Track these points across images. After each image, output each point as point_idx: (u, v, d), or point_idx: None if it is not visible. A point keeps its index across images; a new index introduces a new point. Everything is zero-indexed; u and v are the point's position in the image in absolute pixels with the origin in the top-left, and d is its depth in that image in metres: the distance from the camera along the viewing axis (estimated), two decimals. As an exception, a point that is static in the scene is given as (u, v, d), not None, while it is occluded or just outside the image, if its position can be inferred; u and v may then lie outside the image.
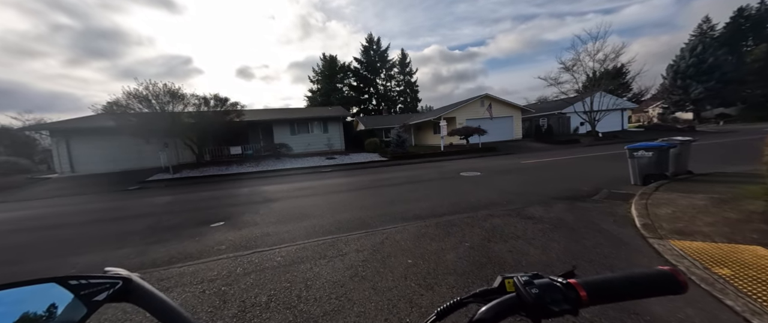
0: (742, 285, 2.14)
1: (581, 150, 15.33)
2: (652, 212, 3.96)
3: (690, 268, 2.45)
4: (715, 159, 8.83)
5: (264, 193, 8.19)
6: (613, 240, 3.27)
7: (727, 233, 3.06)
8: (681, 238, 3.07)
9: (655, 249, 2.93)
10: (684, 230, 3.26)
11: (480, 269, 2.78)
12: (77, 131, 16.68)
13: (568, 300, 0.43)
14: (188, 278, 3.01)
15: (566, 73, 23.49)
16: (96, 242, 4.54)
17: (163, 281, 2.97)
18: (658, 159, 5.87)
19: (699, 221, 3.50)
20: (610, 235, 3.43)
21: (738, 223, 3.31)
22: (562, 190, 6.02)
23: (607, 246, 3.13)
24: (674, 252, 2.76)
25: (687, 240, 3.00)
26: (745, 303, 1.93)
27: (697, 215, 3.71)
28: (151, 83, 14.73)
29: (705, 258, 2.60)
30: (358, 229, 4.26)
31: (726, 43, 35.00)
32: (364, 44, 42.51)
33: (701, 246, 2.85)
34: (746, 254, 2.60)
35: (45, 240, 4.81)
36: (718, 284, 2.18)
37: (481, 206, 5.11)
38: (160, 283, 2.93)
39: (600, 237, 3.37)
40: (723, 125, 28.53)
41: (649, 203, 4.33)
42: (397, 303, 2.29)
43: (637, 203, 4.37)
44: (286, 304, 2.39)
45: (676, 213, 3.84)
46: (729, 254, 2.63)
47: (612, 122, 25.84)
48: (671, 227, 3.38)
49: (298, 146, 20.55)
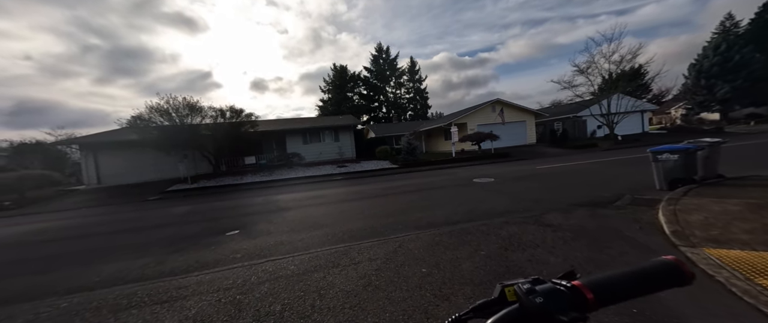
0: (792, 298, 1.95)
1: (599, 155, 14.77)
2: (682, 218, 3.73)
3: (730, 279, 2.26)
4: (748, 162, 8.29)
5: (277, 202, 8.31)
6: (641, 248, 3.09)
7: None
8: (716, 246, 2.86)
9: (689, 257, 2.74)
10: (719, 238, 3.04)
11: (498, 279, 2.68)
12: (104, 144, 17.62)
13: (575, 305, 0.40)
14: (205, 286, 3.05)
15: (580, 76, 22.92)
16: (119, 251, 4.71)
17: (181, 289, 3.03)
18: (684, 162, 5.56)
19: (735, 228, 3.26)
20: (637, 243, 3.24)
21: (780, 230, 3.06)
22: (582, 196, 5.79)
23: (634, 254, 2.96)
24: (710, 261, 2.57)
25: (723, 248, 2.80)
26: (797, 319, 1.76)
27: (733, 221, 3.46)
28: (171, 97, 15.46)
29: (746, 267, 2.40)
30: (370, 237, 4.23)
31: (752, 40, 33.26)
32: (374, 53, 43.25)
33: (740, 254, 2.64)
34: (793, 264, 2.38)
35: (72, 250, 5.03)
36: (762, 296, 2.00)
37: (496, 214, 4.97)
38: (178, 291, 2.98)
39: (625, 245, 3.20)
40: (754, 126, 26.88)
41: (678, 209, 4.09)
42: (413, 314, 2.23)
43: (664, 209, 4.13)
44: (300, 314, 2.37)
45: (709, 219, 3.60)
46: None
47: (632, 125, 24.85)
48: (704, 235, 3.16)
49: (310, 155, 20.85)
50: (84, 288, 3.26)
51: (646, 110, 27.18)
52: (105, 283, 3.36)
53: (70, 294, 3.13)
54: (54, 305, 2.92)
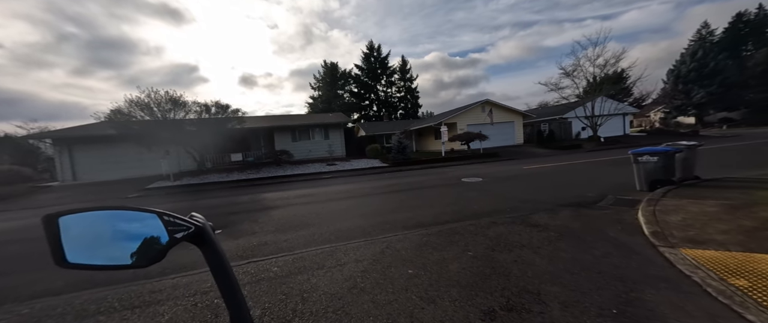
0: (762, 298, 2.01)
1: (584, 155, 15.19)
2: (661, 219, 3.83)
3: (705, 279, 2.32)
4: (722, 164, 8.68)
5: (263, 201, 8.10)
6: (623, 249, 3.14)
7: (743, 242, 2.93)
8: (693, 247, 2.95)
9: (667, 258, 2.80)
10: (696, 239, 3.14)
11: (485, 280, 2.67)
12: (80, 139, 16.77)
13: None
14: (181, 290, 2.90)
15: (567, 79, 23.49)
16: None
17: (155, 293, 2.87)
18: (664, 164, 5.75)
19: (711, 228, 3.37)
20: (619, 244, 3.30)
21: (753, 231, 3.18)
22: (567, 196, 5.90)
23: (616, 255, 3.01)
24: (687, 262, 2.64)
25: (700, 249, 2.88)
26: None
27: (709, 222, 3.58)
28: (153, 91, 14.84)
29: (720, 267, 2.47)
30: (358, 238, 4.15)
31: (726, 48, 35.03)
32: (365, 51, 42.92)
33: (715, 255, 2.72)
34: (764, 263, 2.47)
35: (41, 251, 4.72)
36: (736, 296, 2.06)
37: (484, 214, 4.99)
38: (151, 296, 2.82)
39: (609, 246, 3.25)
40: (727, 129, 28.30)
41: (658, 210, 4.20)
42: (397, 318, 2.17)
43: (644, 210, 4.24)
44: (280, 318, 2.28)
45: (686, 220, 3.71)
46: (745, 263, 2.50)
47: (614, 127, 25.69)
48: (682, 236, 3.25)
49: (300, 153, 20.52)
50: (49, 293, 3.05)
51: (627, 113, 28.13)
52: (73, 287, 3.15)
53: (34, 299, 2.92)
54: (13, 311, 2.71)
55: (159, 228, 0.47)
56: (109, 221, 0.46)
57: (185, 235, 0.49)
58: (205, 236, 0.51)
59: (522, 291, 2.44)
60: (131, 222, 0.47)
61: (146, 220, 0.48)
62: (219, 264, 0.51)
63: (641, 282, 2.43)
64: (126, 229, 0.46)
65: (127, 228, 0.46)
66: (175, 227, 0.49)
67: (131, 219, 0.47)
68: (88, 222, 0.45)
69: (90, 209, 0.45)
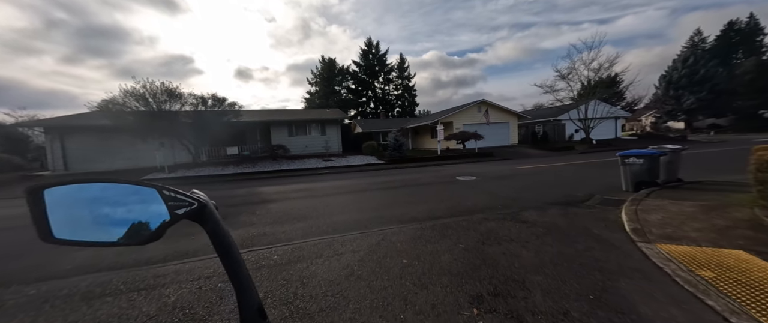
0: (724, 287, 2.22)
1: (576, 157, 15.54)
2: (642, 217, 4.06)
3: (675, 271, 2.52)
4: (705, 168, 9.03)
5: (260, 194, 8.19)
6: (604, 244, 3.35)
7: (713, 239, 3.16)
8: (668, 242, 3.16)
9: (644, 252, 3.01)
10: (672, 236, 3.36)
11: (474, 270, 2.84)
12: (72, 128, 16.51)
13: None
14: (184, 275, 3.02)
15: (562, 81, 23.85)
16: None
17: (159, 277, 2.98)
18: (649, 166, 6.00)
19: (687, 226, 3.60)
20: (601, 239, 3.51)
21: (725, 229, 3.42)
22: (557, 196, 6.12)
23: (598, 249, 3.21)
24: (661, 256, 2.85)
25: (674, 244, 3.09)
26: (726, 304, 2.01)
27: (686, 221, 3.81)
28: (148, 82, 14.69)
29: (690, 261, 2.69)
30: (354, 230, 4.30)
31: (717, 56, 35.85)
32: (363, 48, 42.80)
33: (687, 250, 2.94)
34: (729, 258, 2.69)
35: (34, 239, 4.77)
36: (700, 285, 2.26)
37: (477, 210, 5.17)
38: (155, 279, 2.94)
39: (591, 241, 3.45)
40: (714, 135, 29.08)
41: (639, 209, 4.44)
42: (392, 302, 2.33)
43: (627, 209, 4.47)
44: (282, 300, 2.42)
45: (665, 219, 3.94)
46: (713, 257, 2.72)
47: (606, 130, 26.21)
48: (660, 233, 3.47)
49: (296, 148, 20.52)
50: (54, 276, 3.13)
51: (619, 117, 28.71)
52: (77, 271, 3.24)
53: (39, 282, 3.01)
54: (21, 292, 2.80)
55: (158, 203, 0.43)
56: (102, 195, 0.42)
57: (187, 211, 0.44)
58: (207, 214, 0.47)
59: (508, 279, 2.61)
60: (127, 196, 0.43)
61: (143, 194, 0.44)
62: (224, 243, 0.47)
63: (618, 272, 2.63)
64: (120, 203, 0.42)
65: (122, 202, 0.42)
66: (176, 203, 0.44)
67: (127, 193, 0.43)
68: (77, 195, 0.41)
69: (79, 182, 0.42)
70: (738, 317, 1.87)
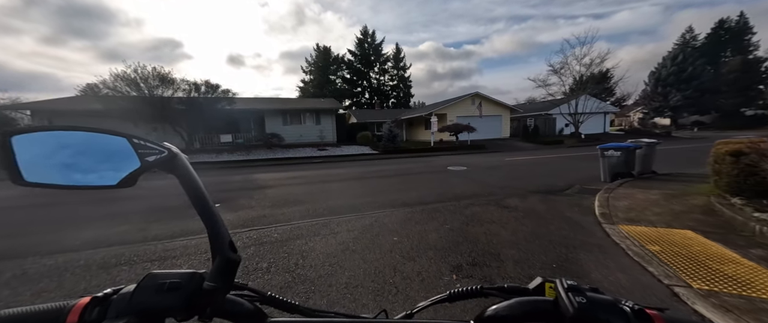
0: (666, 258, 2.60)
1: (564, 150, 16.08)
2: (612, 204, 4.46)
3: (629, 246, 2.91)
4: (682, 162, 9.57)
5: (257, 181, 8.40)
6: (573, 225, 3.73)
7: (669, 221, 3.57)
8: (629, 224, 3.56)
9: (606, 232, 3.40)
10: (634, 219, 3.76)
11: (456, 245, 3.18)
12: (60, 112, 16.20)
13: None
14: (192, 249, 3.28)
15: (554, 76, 24.28)
16: (94, 220, 4.70)
17: (169, 251, 3.24)
18: (626, 159, 6.43)
19: (648, 211, 4.01)
20: (572, 221, 3.89)
21: (680, 213, 3.83)
22: (540, 185, 6.52)
23: (567, 229, 3.59)
24: (620, 234, 3.23)
25: (633, 225, 3.49)
26: (663, 270, 2.39)
27: (649, 207, 4.23)
28: (139, 66, 14.46)
29: (643, 238, 3.08)
30: (349, 213, 4.60)
31: (706, 54, 36.70)
32: (359, 37, 42.29)
33: (643, 230, 3.34)
34: (677, 236, 3.09)
35: (42, 218, 4.92)
36: (646, 256, 2.64)
37: (465, 197, 5.53)
38: (166, 252, 3.19)
39: (563, 223, 3.83)
40: (697, 132, 30.16)
41: (611, 197, 4.85)
42: (383, 270, 2.65)
43: (600, 197, 4.87)
44: (284, 269, 2.72)
45: (631, 205, 4.35)
46: (663, 235, 3.12)
47: (595, 125, 26.92)
48: (624, 216, 3.87)
49: (290, 137, 20.57)
50: (67, 250, 3.35)
51: (608, 112, 29.43)
52: (88, 246, 3.46)
53: (54, 254, 3.22)
54: (39, 263, 3.02)
55: (129, 151, 0.45)
56: (72, 142, 0.43)
57: (157, 159, 0.46)
58: (178, 162, 0.48)
59: (485, 253, 2.96)
60: (97, 143, 0.44)
61: (114, 142, 0.45)
62: (195, 189, 0.49)
63: (580, 247, 3.01)
64: (91, 150, 0.43)
65: (93, 150, 0.43)
66: (147, 151, 0.46)
67: (97, 140, 0.44)
68: (46, 142, 0.42)
69: (48, 129, 0.42)
70: (669, 279, 2.24)
